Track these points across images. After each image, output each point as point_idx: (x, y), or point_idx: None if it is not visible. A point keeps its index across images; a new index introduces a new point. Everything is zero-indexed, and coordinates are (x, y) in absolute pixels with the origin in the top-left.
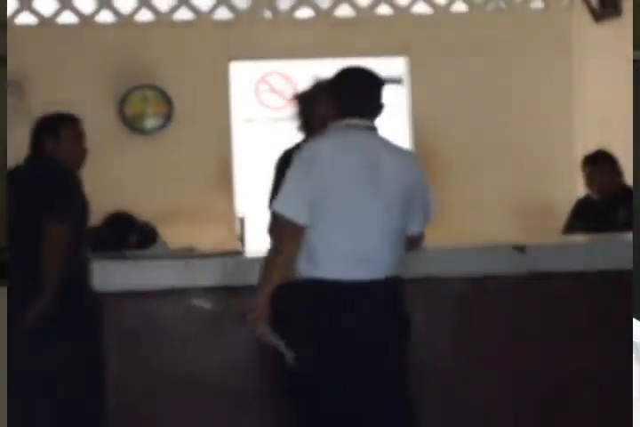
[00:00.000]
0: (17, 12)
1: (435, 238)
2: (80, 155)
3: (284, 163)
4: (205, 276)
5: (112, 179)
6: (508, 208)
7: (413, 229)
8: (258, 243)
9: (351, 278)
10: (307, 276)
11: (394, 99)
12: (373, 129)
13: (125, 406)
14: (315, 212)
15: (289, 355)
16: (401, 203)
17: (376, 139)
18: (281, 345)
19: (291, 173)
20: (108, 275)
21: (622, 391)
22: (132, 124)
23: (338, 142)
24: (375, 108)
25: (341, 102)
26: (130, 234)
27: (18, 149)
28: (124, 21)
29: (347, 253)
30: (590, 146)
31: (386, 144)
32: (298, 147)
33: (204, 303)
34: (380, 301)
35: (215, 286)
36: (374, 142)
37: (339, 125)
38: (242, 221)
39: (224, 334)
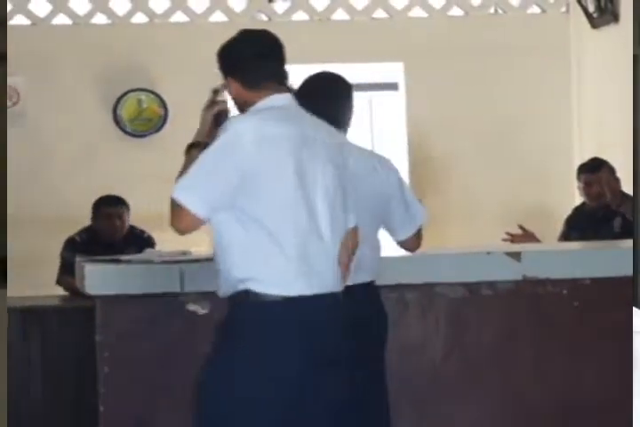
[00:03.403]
0: (11, 14)
1: (431, 244)
2: None
3: None
4: (199, 280)
5: (105, 182)
6: (505, 214)
7: (398, 237)
8: None
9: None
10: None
11: (390, 104)
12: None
13: (117, 411)
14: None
15: None
16: (364, 212)
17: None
18: None
19: None
20: (102, 279)
21: (621, 395)
22: (127, 128)
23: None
24: (340, 116)
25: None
26: (120, 208)
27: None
28: (119, 24)
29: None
30: (588, 150)
31: (351, 152)
32: None
33: (198, 308)
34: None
35: (209, 291)
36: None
37: None
38: None
39: None
